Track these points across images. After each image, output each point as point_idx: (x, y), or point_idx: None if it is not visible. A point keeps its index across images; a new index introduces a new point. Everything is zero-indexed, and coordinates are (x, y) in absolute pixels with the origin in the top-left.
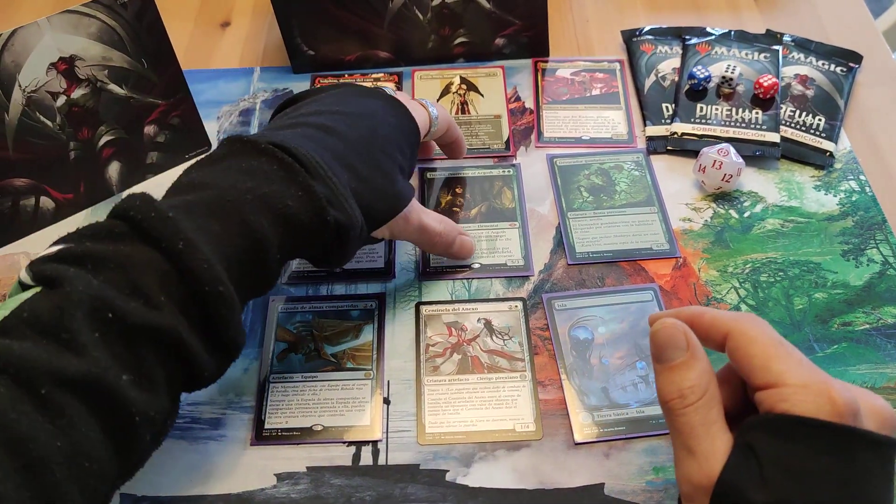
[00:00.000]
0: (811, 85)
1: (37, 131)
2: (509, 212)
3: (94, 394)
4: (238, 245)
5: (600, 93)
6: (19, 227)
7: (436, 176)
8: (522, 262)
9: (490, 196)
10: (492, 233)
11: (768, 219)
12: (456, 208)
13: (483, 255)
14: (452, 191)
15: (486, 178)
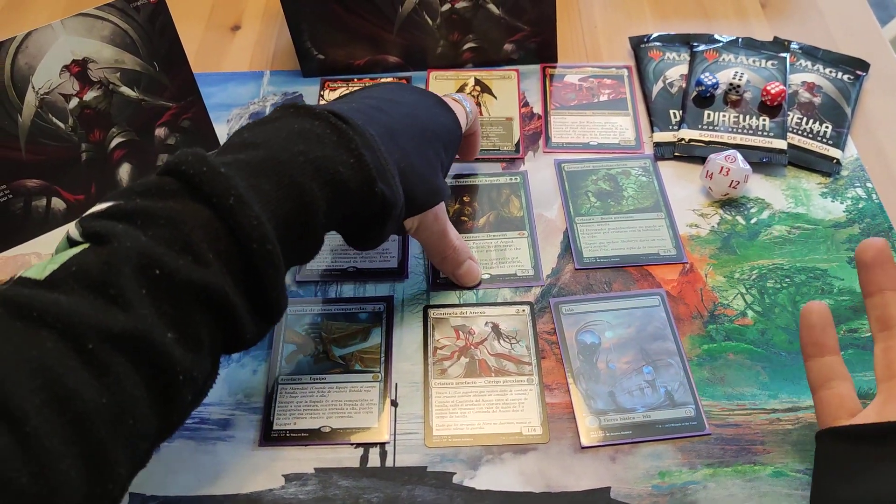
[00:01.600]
0: (818, 92)
1: (49, 133)
2: (517, 220)
3: (139, 351)
4: (287, 206)
5: (608, 99)
6: (31, 228)
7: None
8: (532, 272)
9: (498, 205)
10: (500, 242)
11: (775, 225)
12: (464, 217)
13: (492, 266)
14: (460, 199)
15: (494, 185)
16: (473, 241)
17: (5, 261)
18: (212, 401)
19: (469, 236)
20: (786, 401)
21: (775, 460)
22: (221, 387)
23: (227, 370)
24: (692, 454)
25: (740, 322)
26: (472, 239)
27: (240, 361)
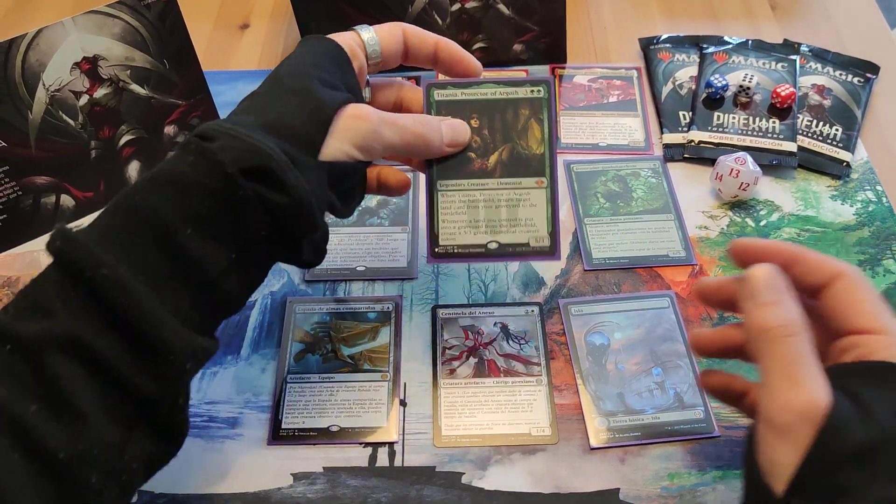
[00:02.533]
0: (828, 95)
1: (59, 130)
2: (536, 161)
3: (5, 429)
4: (125, 226)
5: (617, 100)
6: (39, 225)
7: (443, 97)
8: (548, 242)
9: (514, 134)
10: (513, 195)
11: (784, 228)
12: (471, 153)
13: (501, 230)
14: (466, 122)
15: (510, 102)
16: (480, 191)
17: (14, 258)
18: (220, 399)
19: (475, 183)
20: None
21: None
22: (230, 385)
23: (235, 368)
24: (701, 456)
25: None
26: (479, 188)
27: (248, 360)
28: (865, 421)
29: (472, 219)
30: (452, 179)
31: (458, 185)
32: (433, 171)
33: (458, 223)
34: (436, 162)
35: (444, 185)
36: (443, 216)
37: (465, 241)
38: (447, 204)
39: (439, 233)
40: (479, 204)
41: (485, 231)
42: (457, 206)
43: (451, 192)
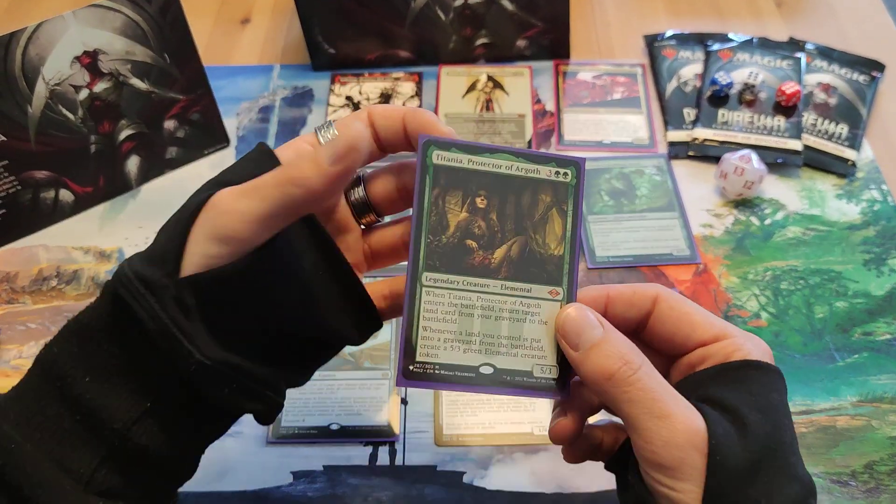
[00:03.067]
0: (833, 93)
1: (59, 124)
2: (553, 264)
3: None
4: (31, 380)
5: (621, 97)
6: (39, 220)
7: (444, 161)
8: (555, 374)
9: (529, 225)
10: (519, 305)
11: (789, 226)
12: (471, 242)
13: (500, 350)
14: (471, 201)
15: (528, 182)
16: (479, 294)
17: (13, 252)
18: None
19: (473, 283)
20: (799, 403)
21: None
22: None
23: None
24: None
25: (754, 324)
26: (477, 290)
27: None
28: (741, 430)
29: (463, 330)
30: (443, 273)
31: (449, 281)
32: (418, 256)
33: (446, 334)
34: (424, 245)
35: (431, 280)
36: (425, 322)
37: (450, 360)
38: (432, 306)
39: (417, 344)
40: (475, 311)
41: (478, 349)
42: (445, 311)
43: (440, 291)
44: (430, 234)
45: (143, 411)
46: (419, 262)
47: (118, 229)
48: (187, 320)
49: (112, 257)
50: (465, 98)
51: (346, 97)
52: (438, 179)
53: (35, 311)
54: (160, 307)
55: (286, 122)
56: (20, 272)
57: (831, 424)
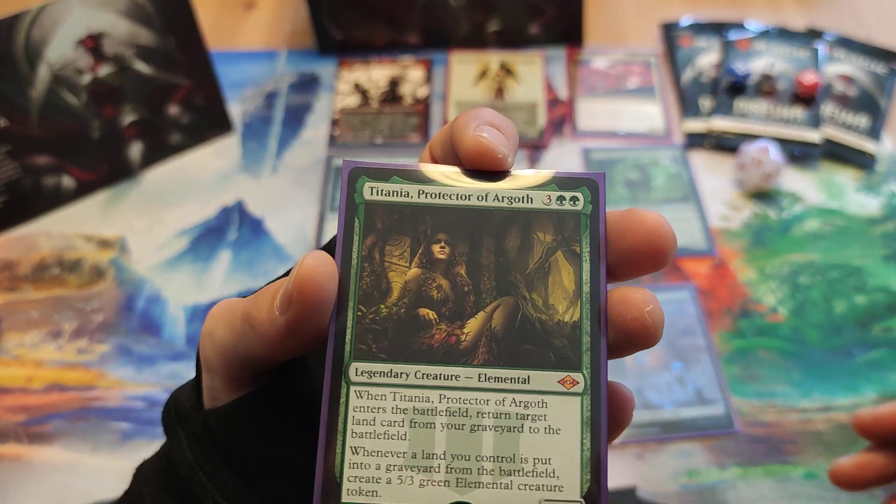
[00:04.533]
0: (853, 84)
1: (61, 109)
2: (562, 337)
3: None
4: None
5: (636, 86)
6: (40, 206)
7: (379, 196)
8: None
9: (518, 280)
10: (510, 406)
11: (808, 220)
12: (426, 310)
13: (481, 482)
14: (425, 251)
15: (513, 216)
16: (441, 393)
17: (14, 240)
18: None
19: (432, 376)
20: (818, 400)
21: (807, 461)
22: None
23: None
24: (721, 453)
25: (772, 318)
26: (438, 386)
27: None
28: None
29: (419, 451)
30: (383, 363)
31: (393, 374)
32: (343, 339)
33: (390, 458)
34: (350, 321)
35: (362, 375)
36: (354, 440)
37: (398, 500)
38: (367, 415)
39: (343, 477)
40: (436, 420)
41: (445, 479)
42: (387, 422)
43: (379, 391)
44: (362, 305)
45: None
46: (344, 349)
47: (121, 217)
48: (210, 464)
49: (115, 245)
50: (477, 86)
51: (355, 84)
52: (373, 222)
53: (37, 299)
54: (188, 446)
55: (292, 109)
56: (22, 260)
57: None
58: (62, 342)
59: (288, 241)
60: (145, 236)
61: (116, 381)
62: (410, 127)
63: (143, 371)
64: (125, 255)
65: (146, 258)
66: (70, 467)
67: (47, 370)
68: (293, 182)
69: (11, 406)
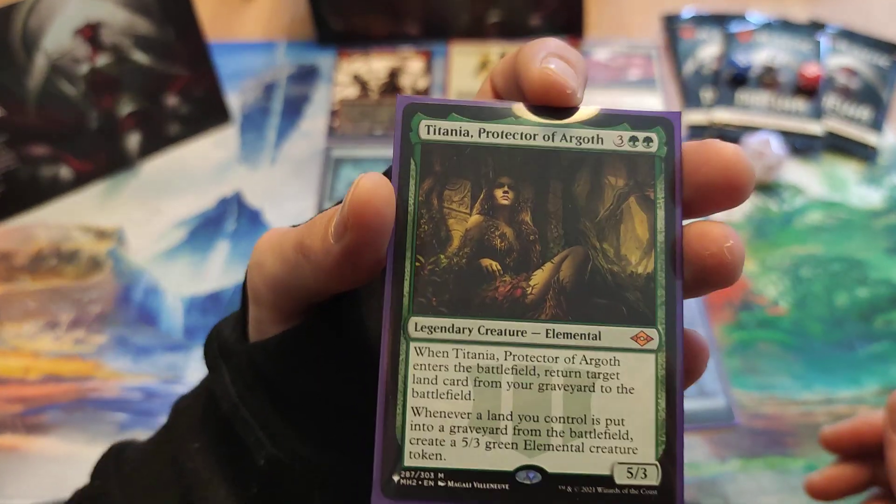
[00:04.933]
0: (855, 76)
1: (59, 98)
2: (636, 290)
3: None
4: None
5: (637, 78)
6: (37, 196)
7: (437, 135)
8: (657, 476)
9: (588, 228)
10: (581, 364)
11: (810, 212)
12: (489, 260)
13: (551, 442)
14: (487, 196)
15: (581, 158)
16: (506, 349)
17: (11, 231)
18: None
19: (496, 331)
20: (819, 392)
21: (808, 453)
22: None
23: None
24: (722, 445)
25: (773, 311)
26: (502, 342)
27: None
28: None
29: (484, 411)
30: (444, 317)
31: (455, 329)
32: (401, 291)
33: (454, 419)
34: (409, 272)
35: (423, 330)
36: (416, 400)
37: (464, 463)
38: (428, 373)
39: (405, 439)
40: (502, 378)
41: (513, 441)
42: (450, 381)
43: (441, 347)
44: (420, 255)
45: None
46: (402, 302)
47: (119, 208)
48: (255, 400)
49: (112, 236)
50: (477, 77)
51: (354, 75)
52: (430, 164)
53: (34, 290)
54: (231, 380)
55: (291, 100)
56: (19, 251)
57: (852, 414)
58: (59, 333)
59: None
60: (143, 227)
61: (113, 373)
62: None
63: (140, 362)
64: (123, 245)
65: (144, 249)
66: (66, 458)
67: (44, 361)
68: (292, 173)
69: (8, 397)
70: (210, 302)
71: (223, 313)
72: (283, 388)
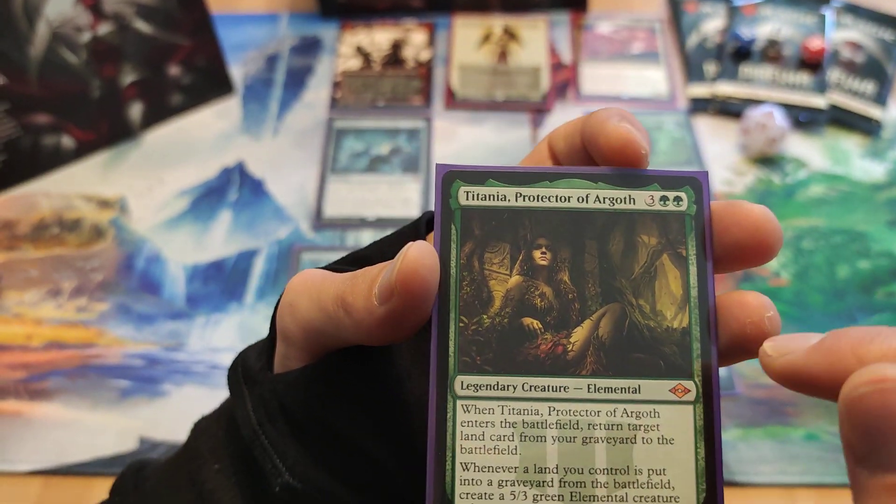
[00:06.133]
0: (860, 50)
1: (61, 67)
2: (672, 344)
3: None
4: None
5: (641, 51)
6: (40, 165)
7: (476, 201)
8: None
9: (626, 285)
10: (622, 417)
11: (812, 185)
12: (531, 319)
13: (596, 494)
14: (526, 257)
15: (615, 218)
16: (549, 405)
17: (13, 199)
18: (223, 346)
19: (539, 387)
20: None
21: (808, 423)
22: (234, 333)
23: (240, 316)
24: (722, 415)
25: (775, 283)
26: (546, 398)
27: (253, 308)
28: None
29: (531, 465)
30: (489, 375)
31: (500, 387)
32: (446, 351)
33: (501, 473)
34: (453, 333)
35: (469, 388)
36: (464, 456)
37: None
38: (476, 430)
39: (455, 493)
40: (547, 433)
41: (558, 494)
42: (497, 437)
43: (487, 405)
44: (463, 315)
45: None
46: (448, 362)
47: (121, 178)
48: (274, 429)
49: (115, 205)
50: (480, 50)
51: (357, 47)
52: (470, 228)
53: (37, 258)
54: (253, 408)
55: (294, 72)
56: (21, 219)
57: None
58: (62, 301)
59: (288, 203)
60: (146, 197)
61: (116, 340)
62: (413, 90)
63: (142, 330)
64: (125, 215)
65: (146, 218)
66: (69, 424)
67: (47, 328)
68: (294, 144)
69: (11, 363)
70: (212, 270)
71: (225, 282)
72: (303, 420)
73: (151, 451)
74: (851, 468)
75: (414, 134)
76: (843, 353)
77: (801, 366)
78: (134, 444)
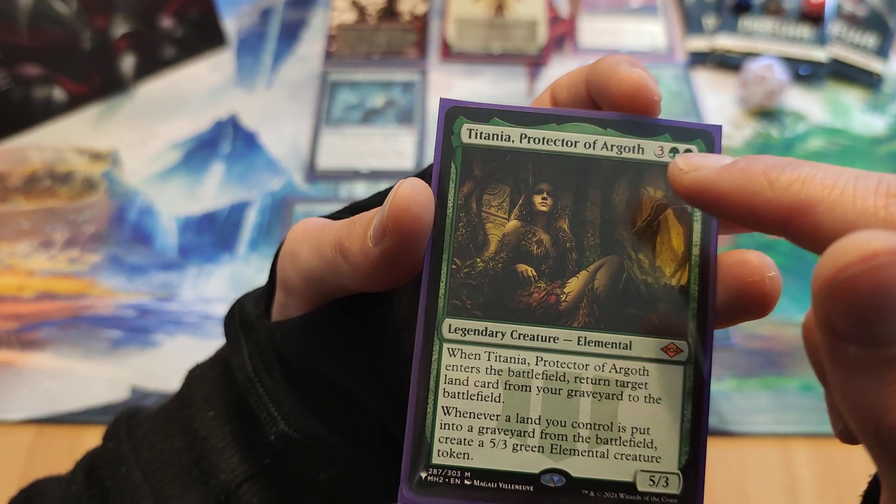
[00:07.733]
0: (861, 3)
1: (51, 17)
2: (667, 302)
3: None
4: (170, 401)
5: (639, 4)
6: (31, 117)
7: (478, 140)
8: (677, 484)
9: (624, 238)
10: (610, 372)
11: (811, 138)
12: (525, 266)
13: (577, 447)
14: (526, 202)
15: (621, 167)
16: (537, 355)
17: (4, 152)
18: (215, 297)
19: (528, 336)
20: None
21: (803, 373)
22: (226, 283)
23: (232, 267)
24: (718, 365)
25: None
26: (534, 348)
27: (246, 259)
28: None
29: (513, 414)
30: (478, 320)
31: (489, 333)
32: (436, 293)
33: (483, 420)
34: (445, 275)
35: (456, 332)
36: (446, 400)
37: (491, 464)
38: (460, 374)
39: (434, 438)
40: (532, 383)
41: (539, 445)
42: (481, 383)
43: (473, 350)
44: (457, 257)
45: (251, 473)
46: (437, 304)
47: (113, 130)
48: (270, 377)
49: (107, 158)
50: (476, 2)
51: (352, 1)
52: (470, 168)
53: (28, 210)
54: (249, 355)
55: (288, 26)
56: (13, 172)
57: None
58: (54, 252)
59: (281, 155)
60: (138, 149)
61: (108, 290)
62: (408, 43)
63: (134, 280)
64: (117, 167)
65: (139, 171)
66: (61, 373)
67: (38, 279)
68: (288, 96)
69: (3, 314)
70: (205, 222)
71: (217, 233)
72: (299, 368)
73: (143, 400)
74: (831, 344)
75: (409, 86)
76: (755, 175)
77: (711, 181)
78: (126, 394)
